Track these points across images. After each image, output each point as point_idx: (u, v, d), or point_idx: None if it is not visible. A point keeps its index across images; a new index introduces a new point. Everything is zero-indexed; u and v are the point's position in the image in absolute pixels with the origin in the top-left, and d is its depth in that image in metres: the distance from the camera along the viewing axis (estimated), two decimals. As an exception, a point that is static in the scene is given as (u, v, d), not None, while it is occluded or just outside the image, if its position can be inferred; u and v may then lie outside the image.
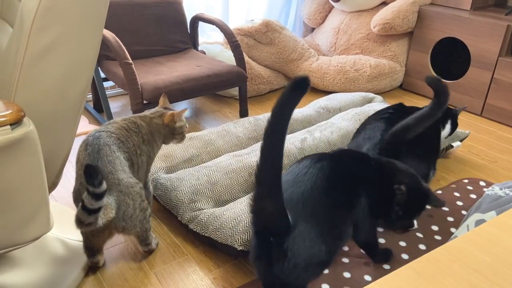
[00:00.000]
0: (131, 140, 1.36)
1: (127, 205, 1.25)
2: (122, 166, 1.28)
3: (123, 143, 1.33)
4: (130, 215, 1.26)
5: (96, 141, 1.27)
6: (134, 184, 1.29)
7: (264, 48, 2.92)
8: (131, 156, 1.34)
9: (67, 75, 1.02)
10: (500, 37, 2.51)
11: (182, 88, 2.10)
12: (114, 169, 1.25)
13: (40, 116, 0.97)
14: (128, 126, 1.38)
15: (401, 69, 3.02)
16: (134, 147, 1.36)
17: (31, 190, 0.90)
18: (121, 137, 1.33)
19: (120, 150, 1.30)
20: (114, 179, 1.24)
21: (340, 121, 2.14)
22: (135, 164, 1.36)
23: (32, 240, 0.93)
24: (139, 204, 1.29)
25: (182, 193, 1.56)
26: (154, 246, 1.46)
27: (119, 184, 1.24)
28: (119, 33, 2.18)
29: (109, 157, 1.26)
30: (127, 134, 1.36)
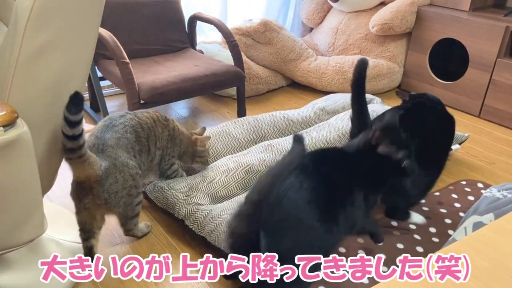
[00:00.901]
0: (155, 131, 1.48)
1: (115, 180, 1.29)
2: (128, 148, 1.36)
3: (143, 130, 1.43)
4: (115, 191, 1.30)
5: (116, 117, 1.40)
6: (132, 166, 1.34)
7: (262, 48, 2.91)
8: (150, 144, 1.45)
9: (62, 75, 1.01)
10: (499, 38, 2.51)
11: (180, 88, 2.09)
12: (117, 145, 1.33)
13: (34, 117, 0.96)
14: (158, 118, 1.52)
15: (399, 69, 3.01)
16: (155, 138, 1.48)
17: (24, 192, 0.89)
18: (143, 124, 1.44)
19: (136, 134, 1.40)
20: (112, 153, 1.31)
21: (338, 121, 2.13)
22: (151, 153, 1.47)
23: (26, 242, 0.92)
24: (129, 187, 1.34)
25: (178, 191, 1.56)
26: (138, 234, 1.50)
27: (115, 159, 1.30)
28: (116, 31, 2.16)
29: (117, 133, 1.35)
30: (152, 124, 1.47)
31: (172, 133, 1.56)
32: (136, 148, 1.40)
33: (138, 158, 1.41)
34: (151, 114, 1.51)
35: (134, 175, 1.35)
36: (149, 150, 1.46)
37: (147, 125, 1.46)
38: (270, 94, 2.92)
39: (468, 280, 0.68)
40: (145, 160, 1.46)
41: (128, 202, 1.36)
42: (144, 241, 1.51)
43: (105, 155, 1.29)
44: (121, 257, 1.43)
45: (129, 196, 1.35)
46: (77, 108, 1.06)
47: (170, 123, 1.57)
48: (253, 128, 2.02)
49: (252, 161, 1.73)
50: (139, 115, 1.46)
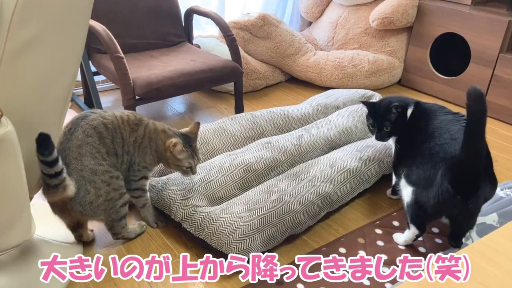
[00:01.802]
0: (122, 132, 1.35)
1: (86, 191, 1.26)
2: (93, 152, 1.28)
3: (107, 131, 1.31)
4: (89, 202, 1.27)
5: (78, 121, 1.29)
6: (101, 172, 1.29)
7: (260, 42, 2.86)
8: (116, 147, 1.33)
9: (50, 71, 0.96)
10: (501, 33, 2.46)
11: (176, 83, 2.04)
12: (80, 154, 1.26)
13: (21, 115, 0.91)
14: (129, 118, 1.37)
15: (399, 64, 2.97)
16: (122, 140, 1.35)
17: (9, 194, 0.84)
18: (109, 124, 1.32)
19: (99, 135, 1.29)
20: (77, 164, 1.25)
21: (338, 118, 2.09)
22: (119, 156, 1.35)
23: (12, 247, 0.88)
24: (105, 193, 1.29)
25: (174, 191, 1.51)
26: (129, 235, 1.46)
27: (82, 170, 1.25)
28: (110, 25, 2.10)
29: (78, 141, 1.26)
30: (120, 125, 1.34)
31: (140, 140, 1.38)
32: (102, 150, 1.30)
33: (109, 160, 1.31)
34: (122, 114, 1.37)
35: (108, 179, 1.29)
36: (116, 153, 1.33)
37: (113, 125, 1.32)
38: (268, 90, 2.88)
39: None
40: (118, 163, 1.35)
41: (109, 207, 1.32)
42: (139, 242, 1.47)
43: (71, 169, 1.24)
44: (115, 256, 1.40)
45: (108, 201, 1.31)
46: (49, 149, 1.05)
47: (141, 128, 1.38)
48: (251, 124, 1.97)
49: (250, 160, 1.68)
50: (103, 114, 1.33)
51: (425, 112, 1.57)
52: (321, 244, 1.50)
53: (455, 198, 1.28)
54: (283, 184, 1.60)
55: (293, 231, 1.46)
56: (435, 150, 1.37)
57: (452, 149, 1.34)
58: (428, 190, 1.33)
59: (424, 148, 1.41)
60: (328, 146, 1.91)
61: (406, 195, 1.42)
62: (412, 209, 1.40)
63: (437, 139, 1.41)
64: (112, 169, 1.32)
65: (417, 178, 1.38)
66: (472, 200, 1.30)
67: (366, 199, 1.77)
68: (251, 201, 1.49)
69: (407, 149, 1.52)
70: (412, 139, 1.51)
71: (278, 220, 1.42)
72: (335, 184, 1.62)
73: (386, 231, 1.55)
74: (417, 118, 1.58)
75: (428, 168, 1.35)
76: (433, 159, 1.35)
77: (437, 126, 1.46)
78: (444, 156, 1.33)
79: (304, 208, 1.49)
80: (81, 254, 1.38)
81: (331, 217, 1.64)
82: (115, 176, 1.32)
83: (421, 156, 1.40)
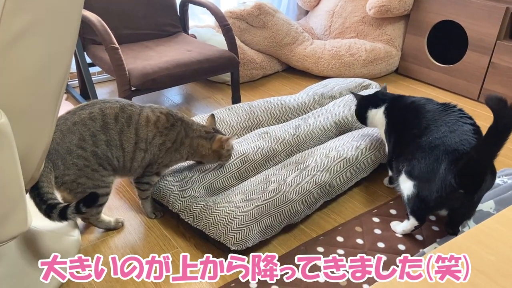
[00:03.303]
0: (140, 130, 1.35)
1: (55, 166, 1.25)
2: (85, 136, 1.28)
3: (116, 123, 1.32)
4: (55, 175, 1.26)
5: (95, 102, 1.33)
6: (77, 155, 1.27)
7: (256, 32, 2.83)
8: (123, 141, 1.33)
9: (44, 61, 0.95)
10: (499, 20, 2.45)
11: (172, 74, 2.03)
12: (69, 130, 1.27)
13: (14, 108, 0.90)
14: (158, 120, 1.38)
15: (397, 53, 2.95)
16: (136, 137, 1.35)
17: (5, 187, 0.84)
18: (123, 118, 1.33)
19: (104, 124, 1.30)
20: (58, 136, 1.26)
21: (335, 107, 2.08)
22: (127, 152, 1.35)
23: (8, 239, 0.88)
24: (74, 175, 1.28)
25: (172, 182, 1.51)
26: (96, 224, 1.45)
27: (58, 144, 1.25)
28: (105, 16, 2.08)
29: (79, 119, 1.28)
30: (140, 123, 1.35)
31: (170, 144, 1.41)
32: (100, 137, 1.30)
33: (107, 149, 1.31)
34: (151, 114, 1.37)
35: (81, 166, 1.28)
36: (122, 146, 1.33)
37: (127, 120, 1.33)
38: (265, 80, 2.86)
39: (473, 275, 0.65)
40: (120, 156, 1.35)
41: (77, 190, 1.29)
42: (137, 234, 1.48)
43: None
44: (113, 250, 1.40)
45: (77, 184, 1.29)
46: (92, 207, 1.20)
47: (172, 133, 1.40)
48: (248, 115, 1.97)
49: (247, 150, 1.68)
50: (125, 106, 1.34)
51: (411, 105, 1.58)
52: (319, 233, 1.50)
53: (458, 192, 1.27)
54: (280, 174, 1.60)
55: (291, 220, 1.47)
56: (435, 143, 1.36)
57: (453, 141, 1.33)
58: (431, 183, 1.32)
59: (422, 142, 1.39)
60: (325, 136, 1.91)
61: (407, 188, 1.41)
62: (414, 201, 1.39)
63: (434, 132, 1.39)
64: (93, 161, 1.29)
65: (419, 172, 1.36)
66: (476, 194, 1.30)
67: (363, 188, 1.77)
68: (249, 191, 1.49)
69: (403, 145, 1.50)
70: (406, 134, 1.50)
71: (275, 209, 1.42)
72: (332, 173, 1.62)
73: (383, 220, 1.55)
74: (402, 112, 1.59)
75: (431, 162, 1.33)
76: (434, 153, 1.34)
77: (431, 118, 1.45)
78: (445, 149, 1.32)
79: (301, 197, 1.49)
80: (79, 246, 1.39)
81: (328, 206, 1.64)
82: (93, 168, 1.30)
83: (421, 150, 1.38)
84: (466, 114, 1.46)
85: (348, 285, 1.26)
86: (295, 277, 1.27)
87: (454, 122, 1.40)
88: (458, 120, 1.41)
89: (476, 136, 1.35)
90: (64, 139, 1.26)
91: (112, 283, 1.27)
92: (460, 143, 1.32)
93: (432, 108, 1.50)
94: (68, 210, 1.15)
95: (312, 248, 1.41)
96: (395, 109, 1.65)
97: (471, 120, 1.43)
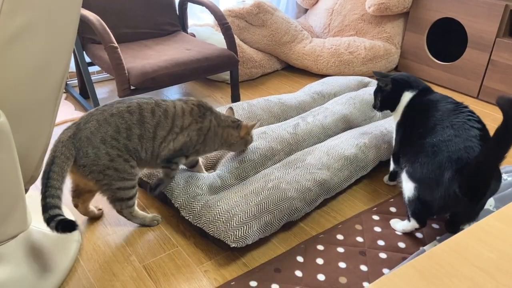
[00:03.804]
0: (176, 119, 1.41)
1: (85, 154, 1.28)
2: (120, 128, 1.31)
3: (153, 116, 1.37)
4: (83, 164, 1.28)
5: (132, 98, 1.38)
6: (111, 146, 1.30)
7: (256, 30, 2.83)
8: (157, 131, 1.38)
9: (43, 59, 0.95)
10: (498, 17, 2.45)
11: (171, 72, 2.02)
12: (106, 120, 1.31)
13: (13, 107, 0.90)
14: (192, 110, 1.44)
15: (396, 51, 2.95)
16: (172, 125, 1.40)
17: (4, 186, 0.84)
18: (159, 111, 1.38)
19: (141, 118, 1.34)
20: (94, 126, 1.29)
21: (334, 105, 2.08)
22: (158, 141, 1.38)
23: (8, 239, 0.88)
24: (103, 166, 1.30)
25: (179, 176, 1.54)
26: (129, 218, 1.45)
27: (93, 133, 1.29)
28: (104, 15, 2.08)
29: (117, 111, 1.32)
30: (177, 113, 1.41)
31: (206, 131, 1.47)
32: (134, 131, 1.33)
33: (137, 143, 1.34)
34: (185, 106, 1.44)
35: (114, 156, 1.30)
36: (154, 136, 1.37)
37: (164, 112, 1.39)
38: (264, 78, 2.86)
39: (474, 273, 0.65)
40: (149, 146, 1.38)
41: (103, 182, 1.32)
42: (137, 232, 1.47)
43: (85, 127, 1.29)
44: (113, 249, 1.40)
45: (104, 175, 1.31)
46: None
47: (206, 121, 1.46)
48: (248, 113, 1.96)
49: (246, 150, 1.68)
50: (159, 102, 1.41)
51: (428, 101, 1.52)
52: (319, 231, 1.50)
53: (463, 199, 1.25)
54: (279, 172, 1.60)
55: (290, 217, 1.46)
56: (439, 147, 1.32)
57: (457, 147, 1.29)
58: (433, 190, 1.29)
59: (426, 144, 1.36)
60: (324, 134, 1.90)
61: (408, 190, 1.39)
62: (415, 205, 1.37)
63: (439, 134, 1.35)
64: (125, 152, 1.33)
65: (420, 176, 1.34)
66: (481, 201, 1.29)
67: (363, 185, 1.77)
68: (248, 190, 1.49)
69: (409, 141, 1.47)
70: (414, 130, 1.47)
71: (275, 207, 1.42)
72: (332, 171, 1.62)
73: (383, 217, 1.55)
74: (418, 106, 1.54)
75: (433, 168, 1.30)
76: (438, 159, 1.30)
77: (439, 118, 1.41)
78: (449, 156, 1.28)
79: (300, 195, 1.49)
80: (79, 246, 1.39)
81: (328, 204, 1.64)
82: (125, 158, 1.33)
83: (424, 153, 1.34)
84: (475, 117, 1.40)
85: (348, 283, 1.26)
86: (295, 275, 1.27)
87: (461, 125, 1.35)
88: (466, 122, 1.36)
89: (481, 142, 1.31)
90: (100, 129, 1.29)
91: (113, 282, 1.27)
92: (464, 151, 1.27)
93: (443, 108, 1.45)
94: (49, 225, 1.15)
95: (312, 246, 1.41)
96: (417, 101, 1.57)
97: (479, 124, 1.37)
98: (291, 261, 1.34)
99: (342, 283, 1.26)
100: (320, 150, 1.73)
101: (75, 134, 1.28)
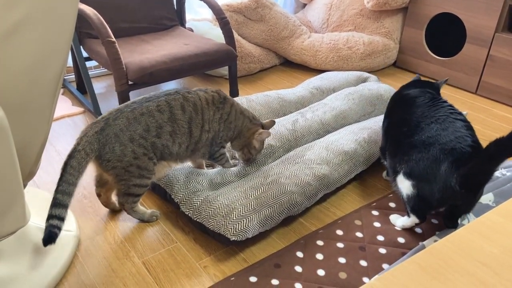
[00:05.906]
0: (205, 112, 1.43)
1: (111, 149, 1.29)
2: (151, 126, 1.33)
3: (184, 113, 1.39)
4: (107, 159, 1.30)
5: (159, 94, 1.39)
6: (138, 144, 1.32)
7: (254, 25, 2.82)
8: (192, 127, 1.41)
9: (40, 53, 0.94)
10: (497, 12, 2.44)
11: (169, 67, 2.01)
12: (136, 119, 1.32)
13: (11, 102, 0.89)
14: (213, 98, 1.47)
15: (395, 46, 2.94)
16: (202, 121, 1.43)
17: (2, 181, 0.83)
18: (189, 106, 1.40)
19: (171, 115, 1.36)
20: (123, 123, 1.31)
21: (333, 101, 2.07)
22: (193, 136, 1.42)
23: (7, 234, 0.87)
24: (127, 162, 1.31)
25: (179, 172, 1.54)
26: (130, 213, 1.45)
27: (122, 130, 1.30)
28: (101, 9, 2.06)
29: (147, 110, 1.34)
30: (203, 106, 1.43)
31: (226, 116, 1.50)
32: (166, 129, 1.36)
33: (174, 138, 1.37)
34: (206, 95, 1.46)
35: (140, 154, 1.32)
36: (190, 132, 1.41)
37: (194, 107, 1.41)
38: (263, 73, 2.85)
39: (476, 268, 0.65)
40: (184, 141, 1.41)
41: (123, 177, 1.33)
42: (136, 228, 1.47)
43: (115, 123, 1.30)
44: (112, 244, 1.39)
45: (125, 171, 1.32)
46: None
47: (227, 106, 1.50)
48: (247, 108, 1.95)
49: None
50: (187, 95, 1.42)
51: (405, 97, 1.55)
52: (318, 226, 1.50)
53: (461, 192, 1.25)
54: (279, 168, 1.59)
55: (290, 211, 1.46)
56: (429, 142, 1.33)
57: (447, 139, 1.30)
58: (431, 184, 1.30)
59: (415, 142, 1.36)
60: (323, 130, 1.90)
61: (405, 188, 1.39)
62: (414, 201, 1.37)
63: (426, 131, 1.36)
64: (150, 150, 1.34)
65: (418, 172, 1.33)
66: (479, 192, 1.30)
67: (363, 181, 1.77)
68: (248, 185, 1.49)
69: (397, 142, 1.46)
70: (398, 129, 1.47)
71: (274, 201, 1.42)
72: (332, 166, 1.62)
73: (382, 213, 1.55)
74: (396, 103, 1.58)
75: (429, 162, 1.30)
76: (431, 153, 1.30)
77: (421, 115, 1.42)
78: (442, 148, 1.29)
79: (300, 189, 1.49)
80: (77, 241, 1.38)
81: (327, 200, 1.64)
82: (150, 156, 1.35)
83: (417, 150, 1.35)
84: (456, 110, 1.43)
85: (347, 278, 1.26)
86: (294, 270, 1.27)
87: (445, 119, 1.37)
88: (449, 116, 1.38)
89: (469, 132, 1.33)
90: (129, 127, 1.31)
91: (112, 278, 1.26)
92: (456, 141, 1.29)
93: (421, 103, 1.47)
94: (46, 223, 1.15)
95: (312, 241, 1.41)
96: (397, 97, 1.62)
97: (461, 115, 1.40)
98: (290, 257, 1.34)
99: (341, 278, 1.26)
100: (320, 145, 1.72)
101: (103, 129, 1.28)
